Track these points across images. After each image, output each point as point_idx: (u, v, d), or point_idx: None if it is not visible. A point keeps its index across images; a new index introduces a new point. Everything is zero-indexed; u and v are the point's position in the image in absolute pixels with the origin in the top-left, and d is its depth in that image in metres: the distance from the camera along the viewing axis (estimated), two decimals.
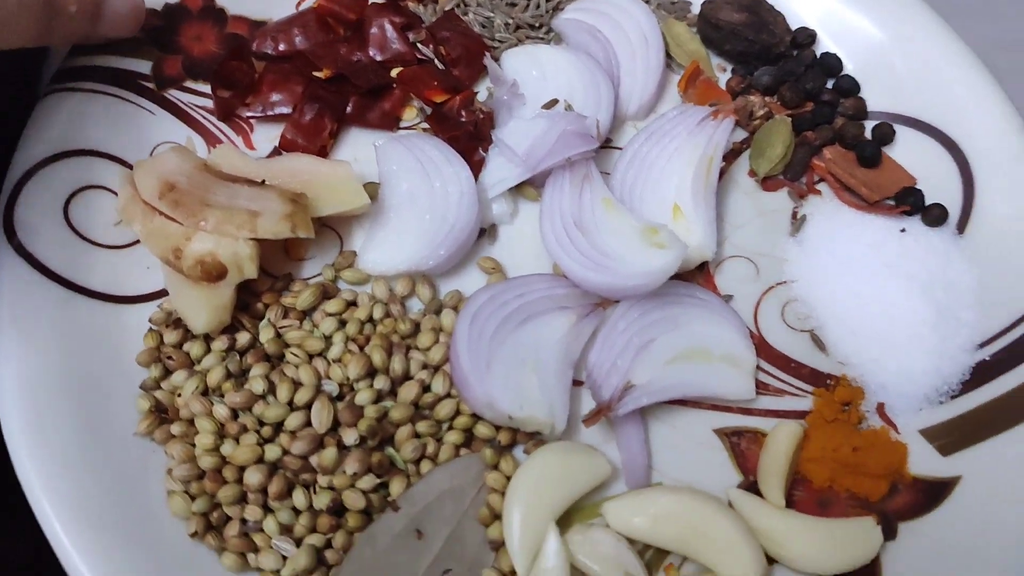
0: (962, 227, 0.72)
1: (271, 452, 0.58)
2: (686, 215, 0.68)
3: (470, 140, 0.71)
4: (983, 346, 0.67)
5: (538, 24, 0.79)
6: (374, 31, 0.76)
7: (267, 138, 0.72)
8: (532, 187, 0.71)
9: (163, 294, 0.64)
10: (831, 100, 0.76)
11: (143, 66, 0.71)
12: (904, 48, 0.77)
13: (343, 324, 0.64)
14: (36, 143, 0.65)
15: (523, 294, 0.64)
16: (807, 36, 0.78)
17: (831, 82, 0.78)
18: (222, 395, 0.60)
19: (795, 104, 0.76)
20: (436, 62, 0.76)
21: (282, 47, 0.74)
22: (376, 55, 0.75)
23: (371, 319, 0.64)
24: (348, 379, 0.61)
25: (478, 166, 0.70)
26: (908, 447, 0.64)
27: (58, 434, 0.57)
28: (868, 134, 0.76)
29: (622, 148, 0.72)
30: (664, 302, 0.65)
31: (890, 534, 0.61)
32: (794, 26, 0.79)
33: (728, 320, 0.67)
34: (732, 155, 0.75)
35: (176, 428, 0.59)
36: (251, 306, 0.64)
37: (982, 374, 0.66)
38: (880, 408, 0.65)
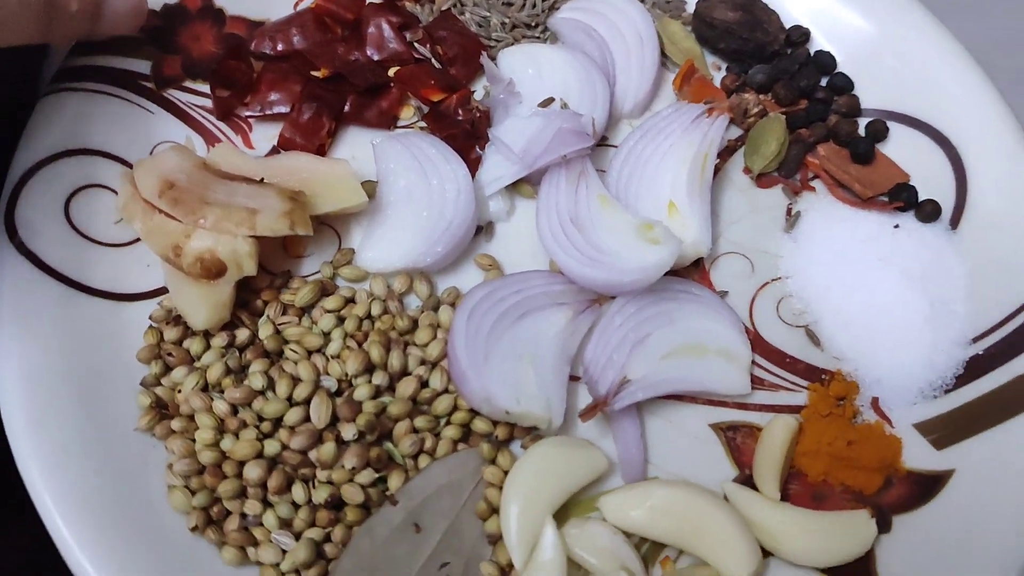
0: (955, 223, 0.72)
1: (270, 447, 0.58)
2: (681, 212, 0.68)
3: (467, 138, 0.71)
4: (976, 340, 0.67)
5: (534, 23, 0.79)
6: (371, 31, 0.76)
7: (266, 137, 0.72)
8: (528, 184, 0.71)
9: (163, 292, 0.64)
10: (825, 98, 0.76)
11: (143, 66, 0.71)
12: (897, 46, 0.77)
13: (342, 321, 0.64)
14: (37, 142, 0.65)
15: (520, 290, 0.64)
16: (801, 34, 0.79)
17: (825, 80, 0.78)
18: (222, 391, 0.60)
19: (789, 102, 0.76)
20: (433, 61, 0.76)
21: (280, 47, 0.75)
22: (373, 54, 0.76)
23: (369, 316, 0.64)
24: (347, 375, 0.61)
25: (475, 164, 0.71)
26: (902, 441, 0.64)
27: (60, 430, 0.57)
28: (861, 131, 0.76)
29: (618, 146, 0.72)
30: (660, 298, 0.65)
31: (884, 527, 0.61)
32: (788, 24, 0.79)
33: (723, 316, 0.67)
34: (727, 152, 0.75)
35: (176, 424, 0.59)
36: (250, 303, 0.64)
37: (975, 368, 0.66)
38: (874, 402, 0.66)
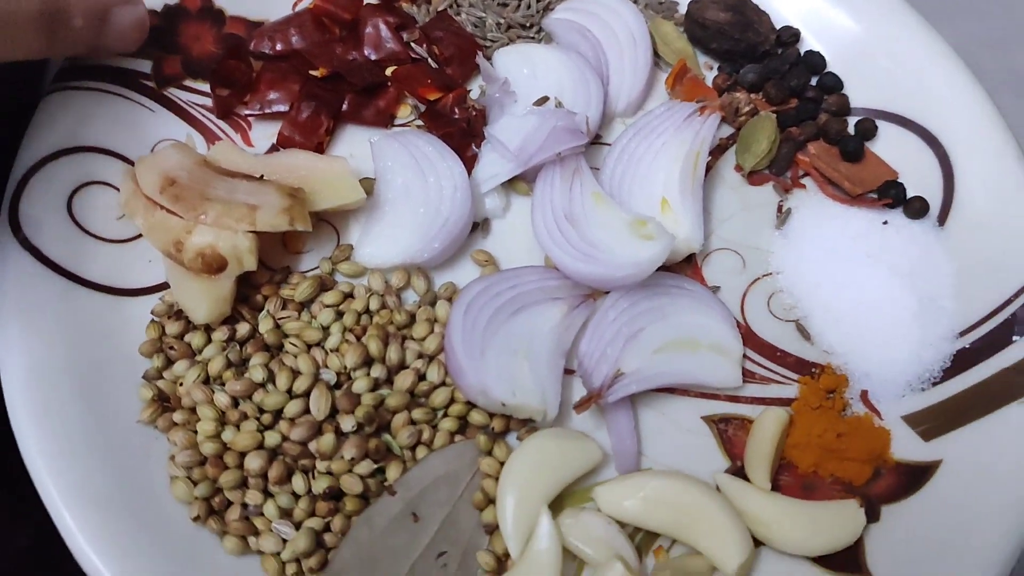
0: (943, 219, 0.72)
1: (271, 438, 0.59)
2: (674, 208, 0.68)
3: (463, 136, 0.72)
4: (963, 334, 0.67)
5: (529, 24, 0.80)
6: (369, 31, 0.76)
7: (265, 135, 0.72)
8: (524, 182, 0.72)
9: (165, 287, 0.64)
10: (815, 97, 0.77)
11: (143, 65, 0.71)
12: (886, 46, 0.78)
13: (340, 315, 0.64)
14: (40, 140, 0.65)
15: (516, 285, 0.64)
16: (791, 35, 0.79)
17: (815, 79, 0.78)
18: (223, 384, 0.61)
19: (780, 101, 0.76)
20: (429, 61, 0.77)
21: (279, 47, 0.75)
22: (371, 54, 0.76)
23: (368, 310, 0.65)
24: (345, 368, 0.61)
25: (471, 162, 0.71)
26: (891, 433, 0.64)
27: (64, 422, 0.57)
28: (851, 130, 0.76)
29: (611, 144, 0.72)
30: (653, 293, 0.65)
31: (873, 516, 0.61)
32: (778, 25, 0.79)
33: (715, 310, 0.67)
34: (718, 150, 0.76)
35: (178, 416, 0.60)
36: (251, 298, 0.65)
37: (962, 362, 0.66)
38: (864, 395, 0.66)
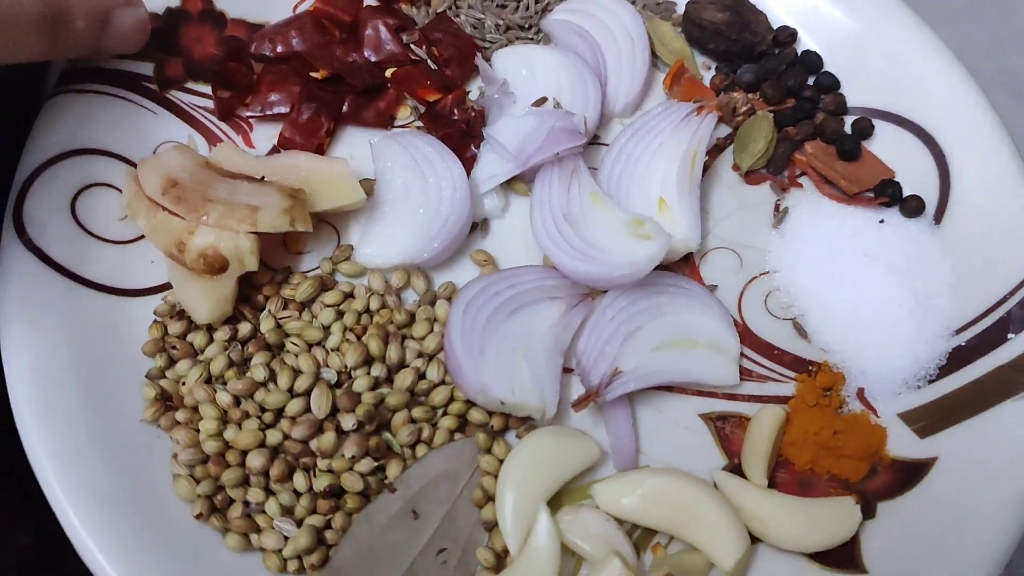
0: (939, 218, 0.72)
1: (272, 437, 0.59)
2: (671, 208, 0.68)
3: (462, 137, 0.72)
4: (959, 332, 0.68)
5: (527, 25, 0.80)
6: (368, 33, 0.76)
7: (266, 137, 0.73)
8: (522, 182, 0.72)
9: (167, 287, 0.65)
10: (812, 96, 0.77)
11: (145, 68, 0.72)
12: (882, 46, 0.78)
13: (341, 315, 0.65)
14: (43, 143, 0.66)
15: (514, 285, 0.64)
16: (788, 35, 0.79)
17: (812, 79, 0.79)
18: (225, 383, 0.61)
19: (777, 100, 0.77)
20: (429, 62, 0.77)
21: (280, 49, 0.75)
22: (371, 56, 0.76)
23: (368, 310, 0.65)
24: (346, 367, 0.62)
25: (470, 162, 0.71)
26: (887, 430, 0.65)
27: (68, 421, 0.58)
28: (848, 129, 0.76)
29: (609, 144, 0.72)
30: (650, 292, 0.66)
31: (869, 513, 0.62)
32: (775, 25, 0.80)
33: (713, 309, 0.67)
34: (716, 150, 0.76)
35: (181, 415, 0.60)
36: (252, 298, 0.65)
37: (958, 359, 0.67)
38: (860, 393, 0.66)
